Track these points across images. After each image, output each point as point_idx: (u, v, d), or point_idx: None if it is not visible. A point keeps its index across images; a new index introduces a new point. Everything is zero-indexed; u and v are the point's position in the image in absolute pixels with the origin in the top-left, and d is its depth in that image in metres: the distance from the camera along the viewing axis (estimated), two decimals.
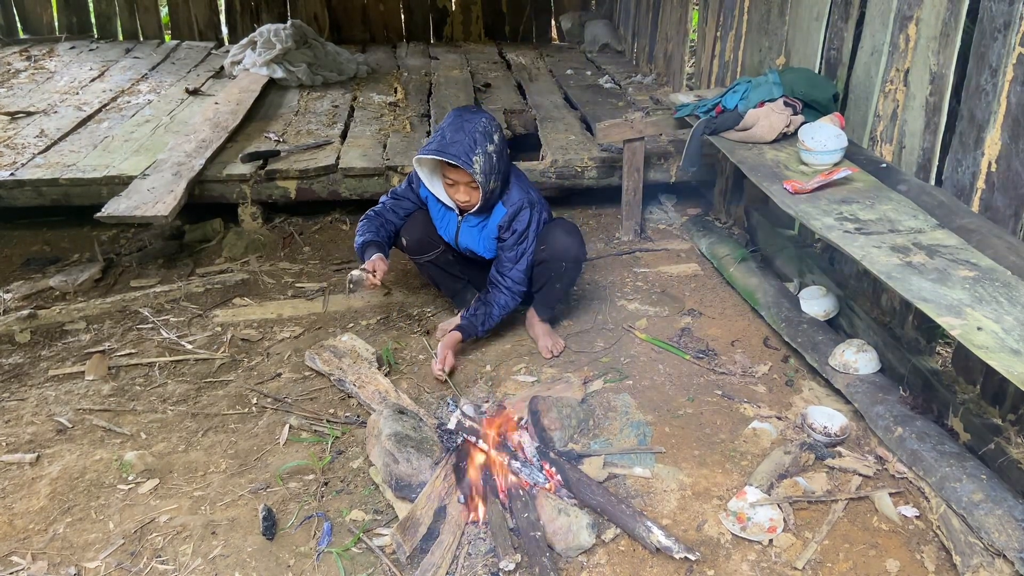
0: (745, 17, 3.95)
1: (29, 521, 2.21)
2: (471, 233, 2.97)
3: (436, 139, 2.71)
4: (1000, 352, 1.77)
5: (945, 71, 2.54)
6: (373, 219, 3.02)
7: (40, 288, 3.45)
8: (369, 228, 2.98)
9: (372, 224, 3.00)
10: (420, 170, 2.88)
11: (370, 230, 2.98)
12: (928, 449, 2.26)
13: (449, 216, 2.98)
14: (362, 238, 2.96)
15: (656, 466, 2.39)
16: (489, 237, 2.96)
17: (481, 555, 2.06)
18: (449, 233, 3.03)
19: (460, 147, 2.64)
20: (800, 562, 2.04)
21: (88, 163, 3.97)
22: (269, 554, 2.10)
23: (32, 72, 5.76)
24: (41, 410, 2.68)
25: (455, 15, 7.20)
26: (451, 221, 2.98)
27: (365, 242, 2.94)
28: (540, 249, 2.89)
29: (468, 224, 2.94)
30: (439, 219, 3.03)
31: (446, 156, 2.64)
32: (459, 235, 2.99)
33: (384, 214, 3.03)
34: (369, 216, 3.03)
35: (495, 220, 2.91)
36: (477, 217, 2.90)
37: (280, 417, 2.65)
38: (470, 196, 2.78)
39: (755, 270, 3.37)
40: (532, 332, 3.07)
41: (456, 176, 2.74)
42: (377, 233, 2.98)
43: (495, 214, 2.90)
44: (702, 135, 3.15)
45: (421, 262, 3.14)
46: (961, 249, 2.21)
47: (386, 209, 3.04)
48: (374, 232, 2.98)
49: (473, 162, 2.64)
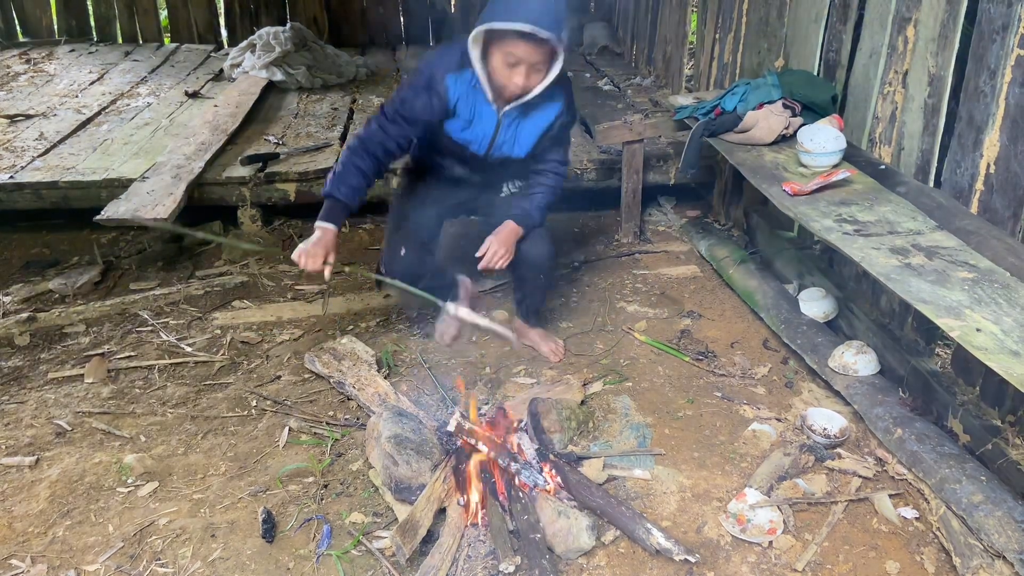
0: (744, 19, 3.96)
1: (28, 524, 2.21)
2: (510, 134, 2.58)
3: (510, 7, 2.24)
4: (999, 353, 1.77)
5: (944, 73, 2.54)
6: (359, 152, 2.51)
7: (39, 291, 3.45)
8: (349, 172, 2.49)
9: (355, 163, 2.50)
10: (473, 48, 2.38)
11: (349, 178, 2.49)
12: (928, 451, 2.26)
13: (484, 116, 2.53)
14: (334, 190, 2.49)
15: (656, 468, 2.39)
16: (530, 134, 2.60)
17: (481, 557, 2.06)
18: (483, 136, 2.57)
19: (549, 18, 2.22)
20: (800, 564, 2.04)
21: (87, 166, 3.97)
22: (268, 557, 2.10)
23: (31, 75, 5.76)
24: (40, 413, 2.68)
25: (454, 17, 7.20)
26: (487, 121, 2.53)
27: (335, 200, 2.49)
28: (514, 262, 2.76)
29: (507, 122, 2.55)
30: (465, 127, 2.55)
31: (540, 28, 2.21)
32: (498, 134, 2.56)
33: (372, 146, 2.52)
34: (353, 148, 2.53)
35: (548, 113, 2.57)
36: (516, 111, 2.52)
37: (280, 420, 2.65)
38: (530, 80, 2.37)
39: (754, 272, 3.37)
40: (528, 340, 3.02)
41: (525, 53, 2.30)
42: (356, 182, 2.50)
43: (547, 106, 2.55)
44: (701, 137, 3.16)
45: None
46: (960, 250, 2.21)
47: (380, 138, 2.52)
48: (353, 179, 2.49)
49: (562, 36, 2.25)
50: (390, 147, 2.55)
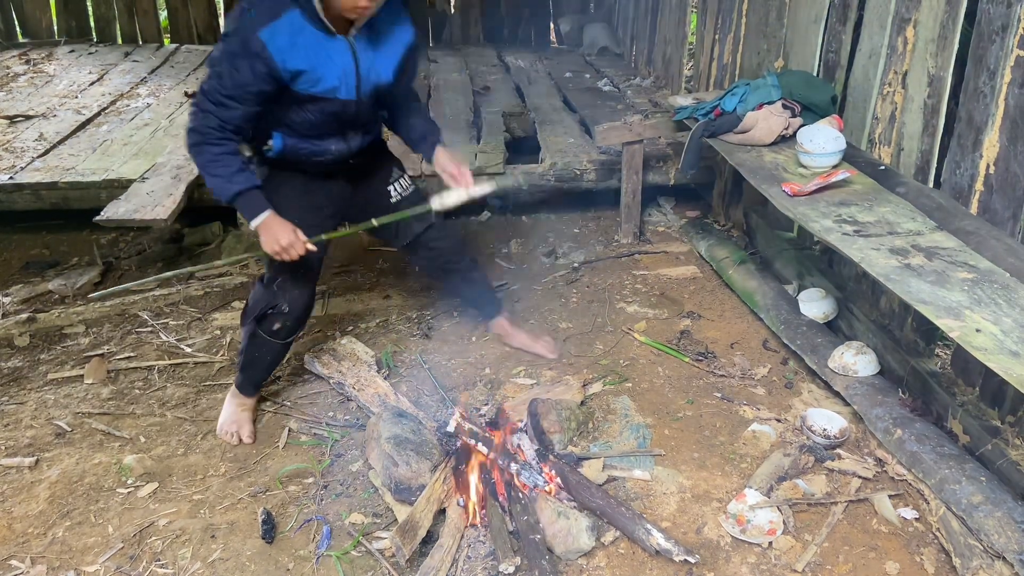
0: (743, 20, 3.96)
1: (28, 525, 2.21)
2: (370, 59, 2.25)
3: None
4: (999, 354, 1.77)
5: (943, 73, 2.54)
6: (212, 144, 2.15)
7: (39, 292, 3.45)
8: (227, 164, 2.18)
9: (220, 154, 2.17)
10: None
11: (232, 167, 2.18)
12: (927, 451, 2.26)
13: (332, 53, 2.17)
14: (234, 187, 2.20)
15: (656, 468, 2.39)
16: (390, 58, 2.31)
17: (481, 558, 2.06)
18: (344, 73, 2.21)
19: None
20: (800, 564, 2.04)
21: (87, 167, 3.97)
22: (268, 557, 2.10)
23: (31, 76, 5.76)
24: (40, 414, 2.68)
25: (454, 18, 7.20)
26: (340, 55, 2.18)
27: (244, 192, 2.21)
28: (445, 262, 2.81)
29: (362, 48, 2.23)
30: (315, 77, 2.16)
31: None
32: (359, 67, 2.23)
33: (217, 135, 2.15)
34: (202, 145, 2.15)
35: (401, 34, 2.32)
36: (366, 37, 2.23)
37: (279, 420, 2.65)
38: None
39: (754, 272, 3.37)
40: (518, 342, 3.01)
41: None
42: (241, 164, 2.21)
43: (394, 27, 2.29)
44: (701, 138, 3.16)
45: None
46: (960, 251, 2.21)
47: (216, 124, 2.13)
48: (236, 164, 2.19)
49: None
50: (233, 130, 2.17)
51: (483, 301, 3.03)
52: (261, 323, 2.47)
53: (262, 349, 2.52)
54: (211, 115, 2.12)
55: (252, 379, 2.59)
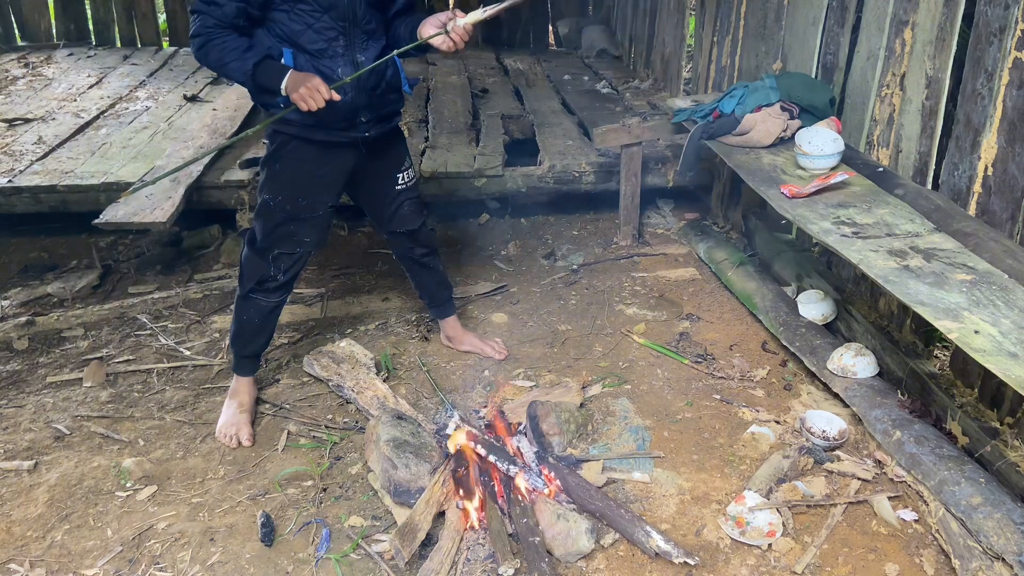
0: (742, 22, 3.97)
1: (27, 528, 2.21)
2: None
3: None
4: (997, 355, 1.77)
5: (941, 75, 2.55)
6: (218, 35, 2.20)
7: (38, 295, 3.45)
8: (234, 45, 2.20)
9: (227, 39, 2.20)
10: None
11: (240, 46, 2.21)
12: (926, 453, 2.26)
13: None
14: (247, 60, 2.20)
15: (655, 471, 2.39)
16: None
17: (480, 561, 2.06)
18: None
19: None
20: (799, 566, 2.04)
21: (86, 170, 3.97)
22: (267, 561, 2.10)
23: (30, 79, 5.76)
24: (39, 417, 2.68)
25: None
26: None
27: (259, 64, 2.21)
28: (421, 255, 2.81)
29: None
30: None
31: None
32: None
33: (220, 31, 2.20)
34: (207, 38, 2.20)
35: None
36: None
37: (278, 423, 2.65)
38: None
39: (753, 274, 3.38)
40: (468, 344, 3.00)
41: None
42: (246, 42, 2.23)
43: None
44: (699, 140, 3.16)
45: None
46: (958, 253, 2.22)
47: (215, 23, 2.20)
48: (242, 43, 2.21)
49: None
50: (230, 26, 2.21)
51: (440, 298, 2.99)
52: (255, 290, 2.56)
53: (250, 312, 2.59)
54: (207, 15, 2.19)
55: (245, 349, 2.64)
